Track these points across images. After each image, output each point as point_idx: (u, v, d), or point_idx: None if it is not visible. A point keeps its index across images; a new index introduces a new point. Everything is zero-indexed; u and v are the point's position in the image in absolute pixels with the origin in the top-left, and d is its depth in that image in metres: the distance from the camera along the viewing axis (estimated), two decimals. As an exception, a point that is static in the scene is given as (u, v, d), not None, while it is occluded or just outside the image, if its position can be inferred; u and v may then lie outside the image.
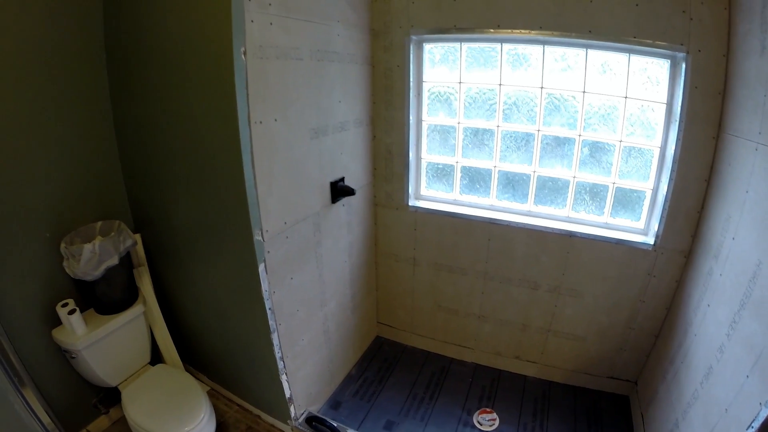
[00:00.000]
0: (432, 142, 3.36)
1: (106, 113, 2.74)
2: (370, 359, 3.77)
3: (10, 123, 2.29)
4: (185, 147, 2.42)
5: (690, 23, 2.39)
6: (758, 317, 1.81)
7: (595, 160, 2.94)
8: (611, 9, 2.53)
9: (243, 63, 2.01)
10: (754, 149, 2.01)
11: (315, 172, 2.67)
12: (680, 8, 2.40)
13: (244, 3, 1.97)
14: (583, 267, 3.07)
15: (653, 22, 2.46)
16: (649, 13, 2.46)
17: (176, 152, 2.50)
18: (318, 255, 2.84)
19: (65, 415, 2.65)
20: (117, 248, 2.56)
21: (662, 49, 2.52)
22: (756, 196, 1.98)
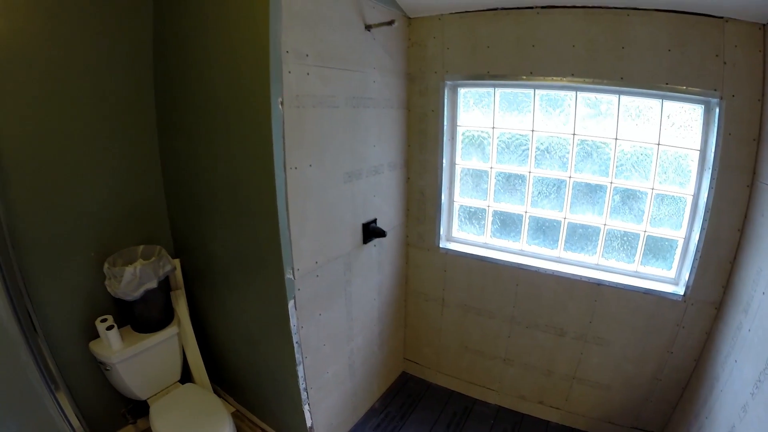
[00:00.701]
0: (465, 186, 3.48)
1: (153, 147, 3.02)
2: (394, 394, 3.86)
3: (70, 154, 2.60)
4: (224, 184, 2.61)
5: (723, 67, 2.42)
6: None
7: (627, 207, 2.99)
8: (643, 55, 2.60)
9: (280, 112, 2.18)
10: None
11: (347, 214, 2.82)
12: (713, 52, 2.44)
13: (282, 55, 2.15)
14: (610, 315, 3.10)
15: (686, 67, 2.51)
16: (682, 58, 2.51)
17: (216, 188, 2.69)
18: (347, 293, 2.98)
19: (94, 421, 2.88)
20: (156, 272, 2.77)
21: (695, 95, 2.54)
22: None
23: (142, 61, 2.88)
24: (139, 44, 2.86)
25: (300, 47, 2.27)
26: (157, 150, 3.05)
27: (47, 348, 2.39)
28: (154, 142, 3.03)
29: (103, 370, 2.80)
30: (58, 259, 2.63)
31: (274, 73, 2.12)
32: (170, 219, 3.21)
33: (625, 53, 2.63)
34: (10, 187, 2.39)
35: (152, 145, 3.03)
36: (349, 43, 2.63)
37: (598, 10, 2.66)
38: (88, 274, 2.77)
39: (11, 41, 2.33)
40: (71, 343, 2.75)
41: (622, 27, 2.62)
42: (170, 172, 3.06)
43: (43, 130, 2.49)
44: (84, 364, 2.81)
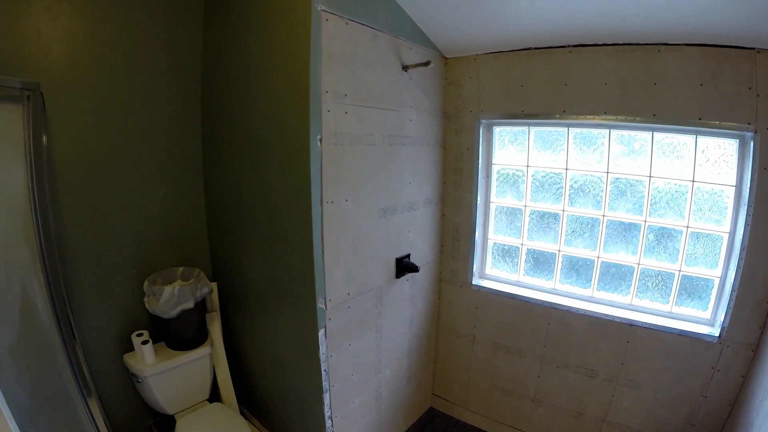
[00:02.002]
0: (499, 223, 3.61)
1: (198, 176, 3.30)
2: (420, 429, 3.94)
3: (121, 177, 2.92)
4: (263, 215, 2.82)
5: (757, 100, 2.47)
6: None
7: (661, 246, 3.04)
8: (675, 91, 2.68)
9: (319, 149, 2.38)
10: None
11: (381, 248, 2.99)
12: (746, 85, 2.49)
13: (321, 94, 2.36)
14: (643, 357, 3.12)
15: (719, 102, 2.56)
16: (714, 93, 2.57)
17: (255, 218, 2.91)
18: (378, 325, 3.12)
19: (121, 430, 3.09)
20: (194, 293, 2.98)
21: (729, 129, 2.59)
22: None
23: (191, 95, 3.18)
24: (189, 78, 3.16)
25: (338, 87, 2.47)
26: (201, 179, 3.33)
27: (83, 355, 2.57)
28: (199, 172, 3.31)
29: (135, 382, 3.01)
30: (101, 273, 2.90)
31: (314, 112, 2.33)
32: (210, 244, 3.46)
33: (656, 89, 2.73)
34: (62, 201, 2.68)
35: (197, 174, 3.31)
36: (386, 83, 2.83)
37: (628, 47, 2.77)
38: (128, 290, 3.03)
39: (72, 67, 2.65)
40: (106, 354, 2.99)
41: (653, 63, 2.72)
42: (213, 200, 3.31)
43: (97, 153, 2.79)
44: (116, 374, 3.05)
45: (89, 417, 2.46)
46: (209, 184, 3.32)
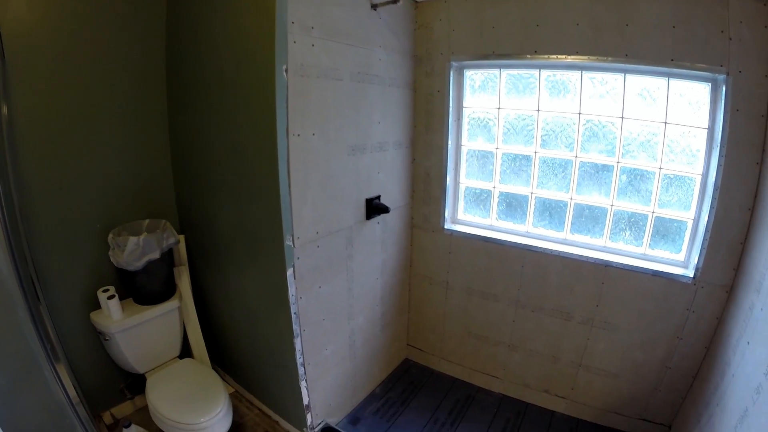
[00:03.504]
0: (470, 167, 3.59)
1: (162, 123, 3.19)
2: (396, 380, 3.96)
3: (80, 129, 2.78)
4: (229, 155, 2.75)
5: (729, 43, 2.47)
6: None
7: (634, 188, 3.05)
8: (647, 32, 2.67)
9: (284, 79, 2.31)
10: None
11: (351, 187, 2.95)
12: (718, 28, 2.49)
13: (287, 25, 2.29)
14: (618, 299, 3.15)
15: (691, 44, 2.57)
16: (687, 35, 2.57)
17: (221, 160, 2.83)
18: (349, 269, 3.09)
19: (92, 394, 3.01)
20: (160, 244, 2.90)
21: (701, 72, 2.59)
22: None
23: (155, 41, 3.06)
24: (153, 23, 3.04)
25: (305, 19, 2.42)
26: (166, 127, 3.22)
27: (48, 317, 2.48)
28: (163, 120, 3.20)
29: (103, 340, 2.93)
30: (64, 229, 2.79)
31: (279, 42, 2.26)
32: (177, 195, 3.37)
33: (629, 30, 2.71)
34: (21, 159, 2.56)
35: (162, 122, 3.20)
36: (354, 19, 2.77)
37: (602, -13, 2.75)
38: (92, 246, 2.93)
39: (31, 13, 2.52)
40: (73, 314, 2.89)
41: (626, 4, 2.70)
42: (178, 147, 3.22)
43: (55, 105, 2.66)
44: (85, 336, 2.96)
45: (59, 384, 2.35)
46: (174, 132, 3.22)
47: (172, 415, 2.63)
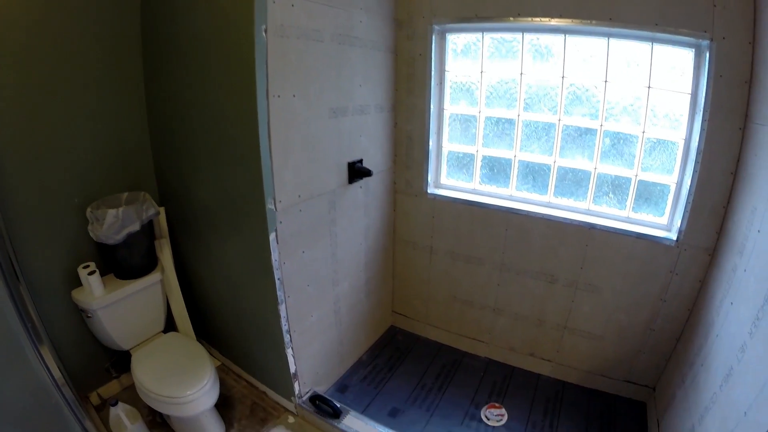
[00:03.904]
0: (453, 131, 3.56)
1: (139, 93, 3.09)
2: (382, 347, 3.98)
3: (52, 97, 2.65)
4: (209, 120, 2.68)
5: (714, 10, 2.43)
6: None
7: (617, 151, 3.04)
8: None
9: (264, 39, 2.25)
10: None
11: (332, 150, 2.90)
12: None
13: (266, -16, 2.22)
14: (602, 261, 3.17)
15: (676, 9, 2.52)
16: (672, 0, 2.54)
17: (200, 126, 2.76)
18: (332, 233, 3.06)
19: (78, 375, 2.94)
20: (140, 216, 2.84)
21: (685, 37, 2.57)
22: None
23: (128, 5, 2.93)
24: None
25: (284, -21, 2.35)
26: (143, 96, 3.11)
27: (29, 298, 2.42)
28: (140, 88, 3.09)
29: (85, 318, 2.87)
30: (41, 206, 2.70)
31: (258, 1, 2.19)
32: (156, 166, 3.28)
33: (614, -6, 2.68)
34: None
35: (138, 91, 3.09)
36: (334, -20, 2.71)
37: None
38: (71, 222, 2.84)
39: None
40: (54, 293, 2.82)
41: None
42: (156, 117, 3.12)
43: (26, 79, 2.54)
44: (67, 316, 2.89)
45: (43, 366, 2.30)
46: (152, 101, 3.12)
47: (159, 389, 2.60)
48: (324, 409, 3.05)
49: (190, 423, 2.80)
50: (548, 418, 3.30)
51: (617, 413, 3.35)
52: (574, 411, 3.37)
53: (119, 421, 2.65)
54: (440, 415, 3.29)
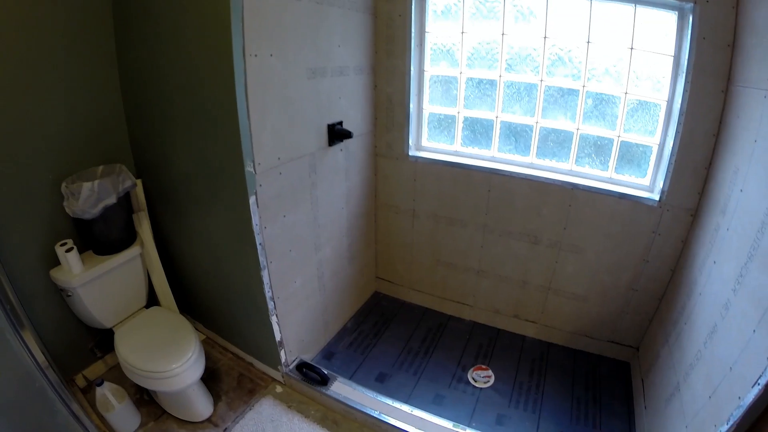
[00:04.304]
0: (434, 93, 3.50)
1: (111, 60, 2.94)
2: (366, 313, 3.97)
3: (19, 69, 2.51)
4: (184, 84, 2.59)
5: None
6: (766, 268, 1.82)
7: (600, 112, 3.02)
8: None
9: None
10: (763, 97, 2.03)
11: (312, 112, 2.84)
12: None
13: (239, -59, 2.13)
14: (585, 221, 3.17)
15: None
16: None
17: (176, 91, 2.67)
18: (313, 197, 3.00)
19: (62, 358, 2.87)
20: (116, 188, 2.74)
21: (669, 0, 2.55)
22: (765, 143, 1.99)
23: None
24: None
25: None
26: (115, 65, 2.98)
27: (7, 281, 2.32)
28: (112, 57, 2.96)
29: (65, 297, 2.79)
30: (14, 184, 2.58)
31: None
32: (131, 138, 3.17)
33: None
34: None
35: (110, 61, 2.95)
36: (309, -63, 2.62)
37: None
38: (46, 199, 2.73)
39: None
40: (32, 274, 2.72)
41: None
42: (129, 86, 3.00)
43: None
44: (46, 296, 2.80)
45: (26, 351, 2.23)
46: (125, 69, 2.98)
47: (143, 365, 2.56)
48: (311, 376, 3.04)
49: (177, 398, 2.77)
50: (534, 378, 3.34)
51: (602, 373, 3.40)
52: (560, 371, 3.41)
53: (106, 401, 2.61)
54: (427, 378, 3.31)
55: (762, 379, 1.65)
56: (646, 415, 2.89)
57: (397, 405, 2.90)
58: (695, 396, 2.24)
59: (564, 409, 3.12)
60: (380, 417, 2.81)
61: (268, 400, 3.03)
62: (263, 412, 2.94)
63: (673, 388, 2.55)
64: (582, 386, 3.29)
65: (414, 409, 2.87)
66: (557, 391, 3.24)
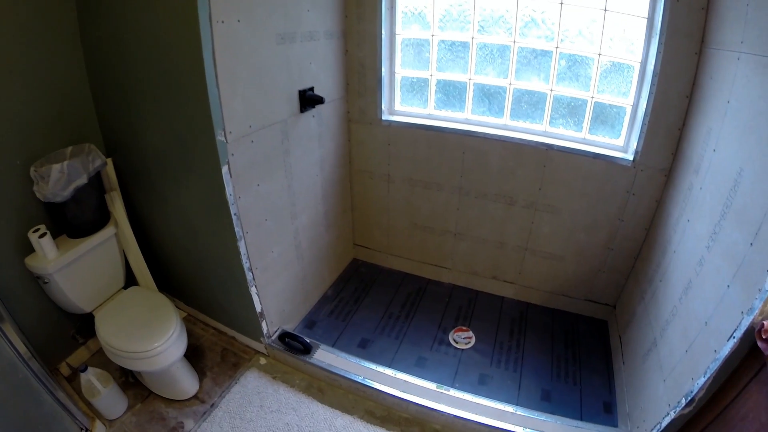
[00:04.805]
0: (406, 57, 3.43)
1: (74, 37, 2.81)
2: (346, 281, 3.96)
3: None
4: (151, 57, 2.50)
5: None
6: (739, 225, 1.87)
7: (573, 74, 3.00)
8: None
9: (202, -43, 2.08)
10: (736, 59, 2.04)
11: (282, 78, 2.76)
12: None
13: None
14: (560, 182, 3.17)
15: None
16: None
17: (143, 65, 2.57)
18: (287, 164, 2.95)
19: (44, 348, 2.78)
20: (86, 168, 2.66)
21: None
22: (737, 104, 2.03)
23: None
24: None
25: None
26: (79, 42, 2.85)
27: None
28: (75, 34, 2.82)
29: (42, 284, 2.71)
30: None
31: None
32: (99, 116, 3.05)
33: None
34: None
35: (74, 38, 2.81)
36: None
37: None
38: (15, 186, 2.61)
39: None
40: (6, 265, 2.62)
41: None
42: (95, 61, 2.87)
43: None
44: (23, 286, 2.72)
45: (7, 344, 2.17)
46: (88, 46, 2.85)
47: (125, 346, 2.53)
48: (294, 346, 3.04)
49: (162, 377, 2.76)
50: (514, 338, 3.38)
51: (580, 331, 3.46)
52: (539, 330, 3.47)
53: (91, 387, 2.57)
54: (409, 342, 3.33)
55: (737, 333, 1.69)
56: (625, 370, 2.96)
57: (381, 369, 2.92)
58: (672, 351, 2.29)
59: (544, 366, 3.18)
60: (364, 382, 2.83)
61: (252, 373, 3.03)
62: (249, 385, 2.94)
63: (650, 343, 2.62)
64: (561, 344, 3.34)
65: (397, 373, 2.90)
66: (537, 349, 3.29)
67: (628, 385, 2.86)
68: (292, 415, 2.76)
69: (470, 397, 2.78)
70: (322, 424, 2.72)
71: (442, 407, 2.69)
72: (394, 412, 2.80)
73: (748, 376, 1.67)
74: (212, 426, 2.69)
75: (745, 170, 1.89)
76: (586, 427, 2.66)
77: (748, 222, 1.80)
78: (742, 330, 1.66)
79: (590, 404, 2.93)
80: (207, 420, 2.73)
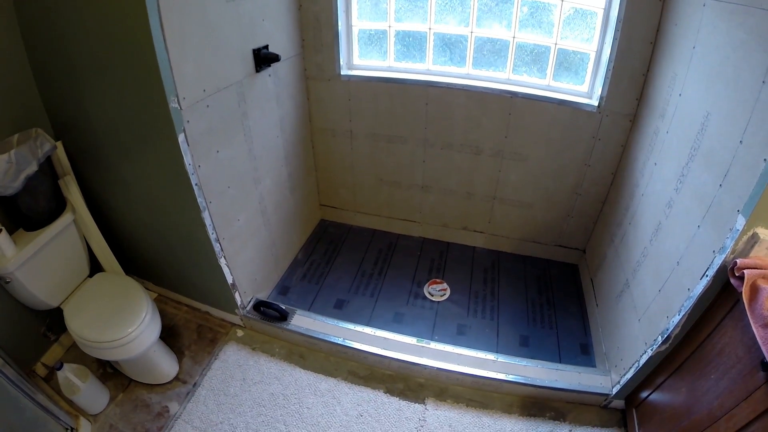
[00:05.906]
0: (362, 8, 3.26)
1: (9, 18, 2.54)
2: (315, 243, 3.88)
3: None
4: (93, 26, 2.28)
5: None
6: (707, 167, 1.89)
7: (536, 20, 2.92)
8: None
9: None
10: (702, 5, 2.04)
11: (234, 37, 2.59)
12: None
13: None
14: (526, 129, 3.12)
15: None
16: None
17: (84, 36, 2.35)
18: (246, 128, 2.80)
19: (16, 351, 2.61)
20: (35, 154, 2.46)
21: None
22: (703, 50, 2.03)
23: None
24: None
25: None
26: (14, 19, 2.58)
27: None
28: (10, 12, 2.55)
29: (4, 285, 2.53)
30: None
31: None
32: (44, 98, 2.80)
33: None
34: None
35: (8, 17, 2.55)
36: None
37: None
38: None
39: None
40: None
41: None
42: (35, 44, 2.60)
43: None
44: None
45: None
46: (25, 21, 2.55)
47: (98, 336, 2.42)
48: (270, 314, 2.98)
49: (140, 363, 2.67)
50: (489, 287, 3.40)
51: (552, 276, 3.50)
52: (512, 278, 3.49)
53: (70, 384, 2.46)
54: (385, 298, 3.32)
55: (710, 271, 1.77)
56: (599, 312, 3.01)
57: (360, 329, 2.91)
58: (645, 291, 2.36)
59: (520, 313, 3.21)
60: (344, 343, 2.81)
61: (231, 347, 2.97)
62: (229, 360, 2.89)
63: (622, 285, 2.67)
64: (535, 290, 3.37)
65: (376, 331, 2.89)
66: (512, 296, 3.32)
67: (603, 326, 2.91)
68: (276, 385, 2.72)
69: (451, 348, 2.80)
70: (307, 390, 2.69)
71: (425, 361, 2.70)
72: (377, 370, 2.80)
73: (723, 312, 1.75)
74: (197, 406, 2.64)
75: (712, 114, 1.91)
76: (567, 368, 2.70)
77: (716, 164, 1.83)
78: (715, 268, 1.73)
79: (567, 347, 2.98)
80: (191, 400, 2.66)
